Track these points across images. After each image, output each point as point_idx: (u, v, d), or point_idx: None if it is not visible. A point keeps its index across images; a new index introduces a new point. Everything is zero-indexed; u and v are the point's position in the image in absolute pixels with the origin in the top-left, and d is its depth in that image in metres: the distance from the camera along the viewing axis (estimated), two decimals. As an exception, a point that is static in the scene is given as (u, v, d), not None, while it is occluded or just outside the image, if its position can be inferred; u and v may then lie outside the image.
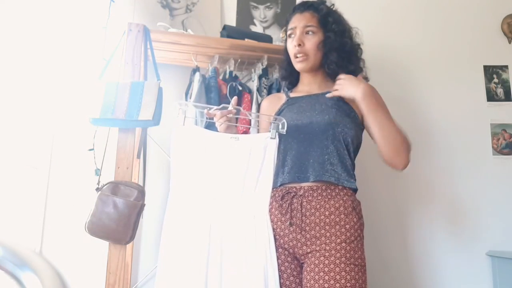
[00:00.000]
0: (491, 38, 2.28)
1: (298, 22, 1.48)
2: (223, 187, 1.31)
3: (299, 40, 1.45)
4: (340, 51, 1.45)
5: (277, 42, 1.95)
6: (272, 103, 1.55)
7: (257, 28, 2.13)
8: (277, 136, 1.33)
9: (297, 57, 1.47)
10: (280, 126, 1.33)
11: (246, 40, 1.82)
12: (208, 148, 1.31)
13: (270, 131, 1.33)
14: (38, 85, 1.87)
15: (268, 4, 2.17)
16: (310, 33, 1.46)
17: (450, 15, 2.29)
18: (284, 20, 2.08)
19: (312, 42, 1.45)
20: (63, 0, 1.93)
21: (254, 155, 1.31)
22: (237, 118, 1.41)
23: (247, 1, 2.14)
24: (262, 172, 1.32)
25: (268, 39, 1.91)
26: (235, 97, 1.40)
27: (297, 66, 1.49)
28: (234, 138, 1.32)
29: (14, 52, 1.87)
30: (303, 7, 1.50)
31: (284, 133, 1.34)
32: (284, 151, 1.40)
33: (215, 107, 1.36)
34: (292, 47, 1.48)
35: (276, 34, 2.06)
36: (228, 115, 1.35)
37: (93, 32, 1.90)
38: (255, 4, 2.16)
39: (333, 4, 1.53)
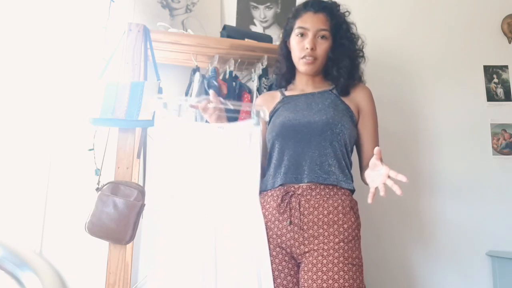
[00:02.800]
0: (491, 38, 2.28)
1: (312, 23, 1.43)
2: (212, 177, 1.34)
3: (312, 43, 1.42)
4: (352, 59, 1.47)
5: (277, 42, 1.94)
6: (266, 101, 1.54)
7: (257, 28, 2.13)
8: (261, 123, 1.37)
9: (305, 58, 1.43)
10: (261, 114, 1.36)
11: (246, 40, 1.82)
12: (192, 138, 1.34)
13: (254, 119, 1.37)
14: (38, 85, 1.87)
15: (268, 4, 2.17)
16: (323, 37, 1.43)
17: (450, 15, 2.29)
18: (284, 20, 2.08)
19: (323, 47, 1.44)
20: (63, 0, 1.93)
21: (240, 143, 1.35)
22: (238, 111, 1.43)
23: (247, 1, 2.14)
24: (249, 159, 1.35)
25: (268, 39, 1.91)
26: (211, 91, 1.40)
27: (303, 68, 1.46)
28: (220, 128, 1.36)
29: (14, 52, 1.87)
30: (318, 7, 1.45)
31: (267, 119, 1.38)
32: (281, 151, 1.39)
33: (196, 99, 1.38)
34: (301, 47, 1.44)
35: (276, 34, 2.06)
36: (216, 107, 1.35)
37: (93, 32, 1.90)
38: (255, 4, 2.16)
39: (348, 11, 1.51)
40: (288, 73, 1.55)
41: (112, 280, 1.43)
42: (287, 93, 1.53)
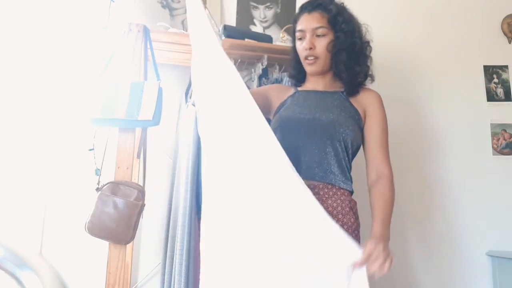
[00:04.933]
0: (491, 38, 2.29)
1: (307, 24, 1.44)
2: None
3: (310, 43, 1.42)
4: (349, 51, 1.43)
5: (277, 42, 1.95)
6: (280, 91, 1.54)
7: (257, 28, 2.13)
8: None
9: (307, 59, 1.44)
10: None
11: (246, 40, 1.82)
12: None
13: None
14: (38, 85, 1.87)
15: (268, 4, 2.17)
16: (320, 35, 1.42)
17: (450, 15, 2.29)
18: (284, 20, 2.06)
19: (322, 44, 1.42)
20: (63, 0, 1.93)
21: None
22: None
23: (247, 1, 2.14)
24: None
25: (268, 39, 1.91)
26: None
27: (308, 68, 1.46)
28: None
29: (14, 53, 1.87)
30: (311, 6, 1.46)
31: None
32: (281, 143, 1.38)
33: None
34: (302, 50, 1.45)
35: (276, 34, 2.06)
36: None
37: (93, 32, 1.90)
38: (255, 4, 2.16)
39: (342, 3, 1.49)
40: (299, 75, 1.56)
41: (112, 280, 1.43)
42: (299, 88, 1.54)
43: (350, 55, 1.43)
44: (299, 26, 1.47)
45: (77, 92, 1.89)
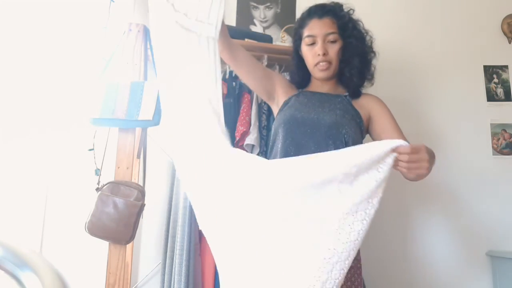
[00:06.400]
0: (491, 38, 2.29)
1: (318, 29, 1.43)
2: None
3: (323, 49, 1.41)
4: (361, 56, 1.45)
5: (277, 42, 1.95)
6: (288, 87, 1.54)
7: (257, 28, 2.13)
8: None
9: (319, 64, 1.43)
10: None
11: (246, 40, 1.82)
12: None
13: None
14: (38, 85, 1.87)
15: (268, 4, 2.17)
16: (332, 41, 1.42)
17: (450, 15, 2.29)
18: (284, 20, 2.06)
19: (334, 50, 1.43)
20: (63, 0, 1.93)
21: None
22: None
23: (247, 1, 2.14)
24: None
25: (268, 39, 1.91)
26: None
27: (319, 74, 1.45)
28: None
29: (14, 53, 1.87)
30: (322, 12, 1.45)
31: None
32: (284, 140, 1.38)
33: None
34: (313, 56, 1.44)
35: (276, 34, 2.06)
36: None
37: (93, 32, 1.90)
38: (255, 4, 2.16)
39: (351, 9, 1.49)
40: (303, 81, 1.55)
41: (112, 280, 1.43)
42: (304, 89, 1.54)
43: (361, 60, 1.45)
44: (308, 31, 1.45)
45: (77, 92, 1.89)
